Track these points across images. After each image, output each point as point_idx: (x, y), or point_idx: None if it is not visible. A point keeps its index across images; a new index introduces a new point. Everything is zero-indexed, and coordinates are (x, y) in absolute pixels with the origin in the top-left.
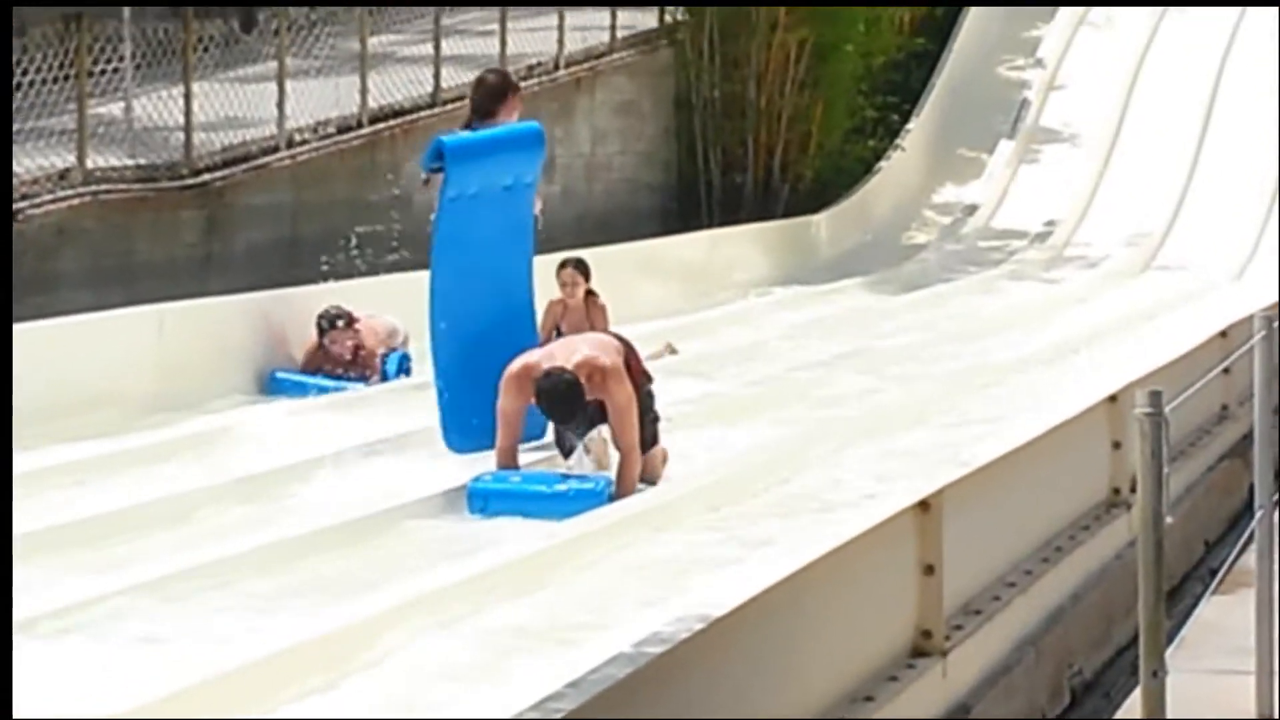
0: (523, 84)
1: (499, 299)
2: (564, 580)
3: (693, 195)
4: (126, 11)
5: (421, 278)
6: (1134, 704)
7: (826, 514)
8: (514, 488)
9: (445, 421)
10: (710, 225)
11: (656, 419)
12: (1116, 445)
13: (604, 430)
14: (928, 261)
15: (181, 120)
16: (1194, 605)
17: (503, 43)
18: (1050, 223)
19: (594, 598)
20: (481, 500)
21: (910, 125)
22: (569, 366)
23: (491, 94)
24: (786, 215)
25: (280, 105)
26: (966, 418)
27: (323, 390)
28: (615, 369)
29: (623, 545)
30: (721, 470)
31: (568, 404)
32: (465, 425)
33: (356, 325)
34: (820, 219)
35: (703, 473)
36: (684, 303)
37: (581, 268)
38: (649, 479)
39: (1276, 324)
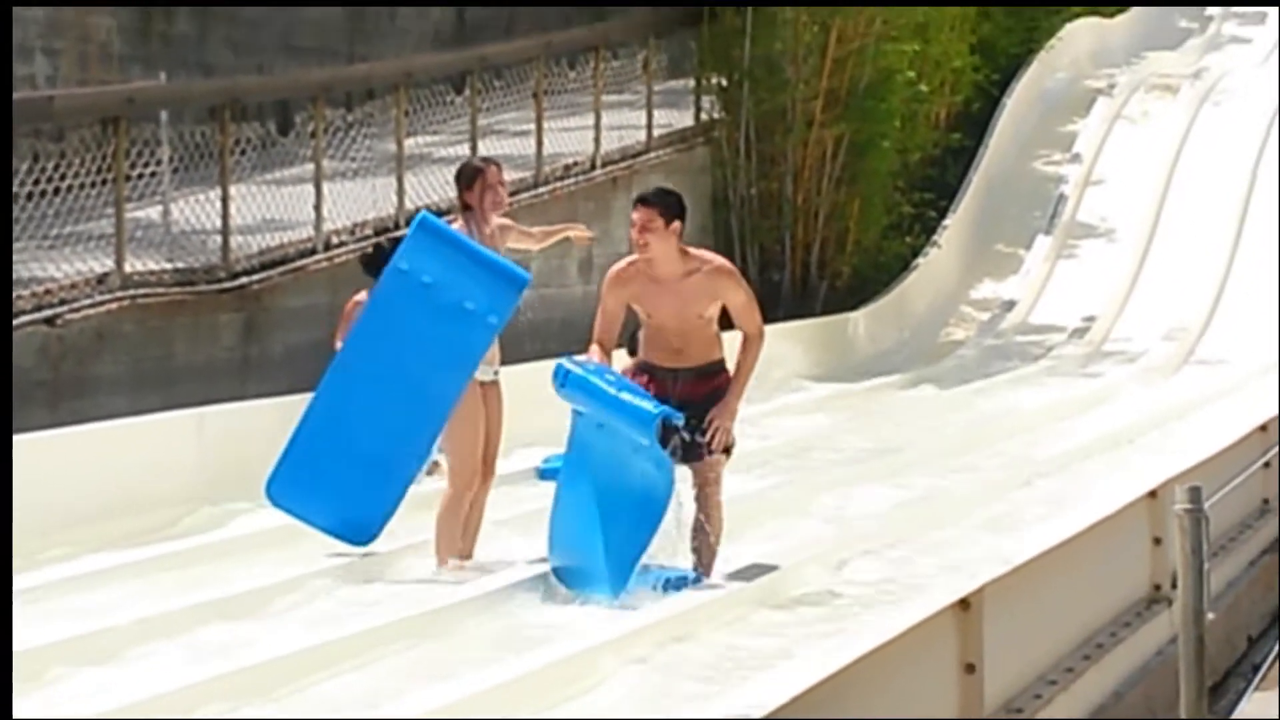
0: (559, 183)
1: (401, 410)
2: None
3: None
4: (164, 114)
5: None
6: None
7: (869, 611)
8: None
9: (283, 465)
10: None
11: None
12: (1157, 541)
13: None
14: (966, 358)
15: (219, 223)
16: (1236, 701)
17: (539, 142)
18: (1088, 318)
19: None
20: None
21: (947, 221)
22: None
23: (463, 177)
24: (824, 313)
25: (317, 207)
26: (1006, 514)
27: None
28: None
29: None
30: (763, 569)
31: None
32: (296, 481)
33: None
34: (858, 316)
35: (748, 570)
36: None
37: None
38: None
39: None
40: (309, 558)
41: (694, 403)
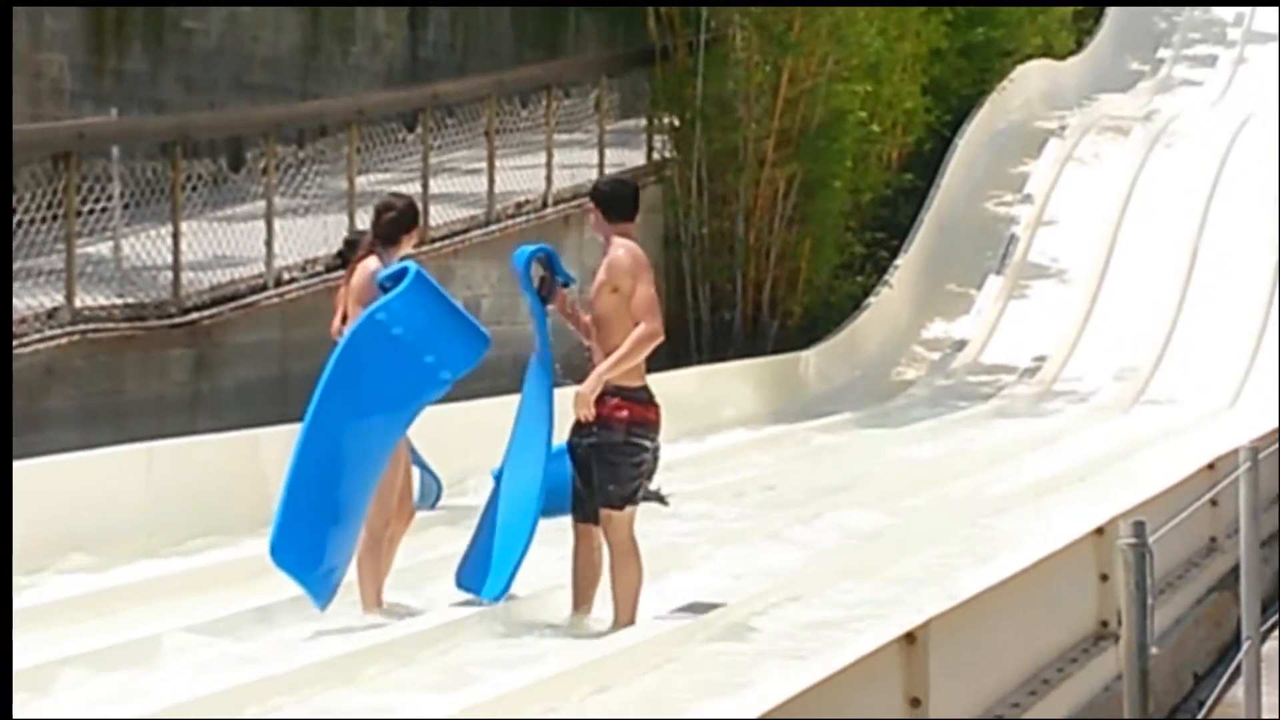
0: (511, 221)
1: (355, 462)
2: None
3: (681, 332)
4: (115, 150)
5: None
6: None
7: (815, 646)
8: None
9: (282, 529)
10: (699, 362)
11: (638, 489)
12: (1104, 578)
13: None
14: (917, 397)
15: (170, 259)
16: None
17: (491, 180)
18: (1039, 358)
19: None
20: None
21: (899, 261)
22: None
23: (397, 221)
24: (775, 352)
25: (269, 244)
26: (954, 550)
27: None
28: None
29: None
30: (709, 605)
31: None
32: (299, 545)
33: None
34: (809, 355)
35: (693, 606)
36: (673, 440)
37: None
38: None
39: (1262, 456)
40: (251, 595)
41: (579, 429)
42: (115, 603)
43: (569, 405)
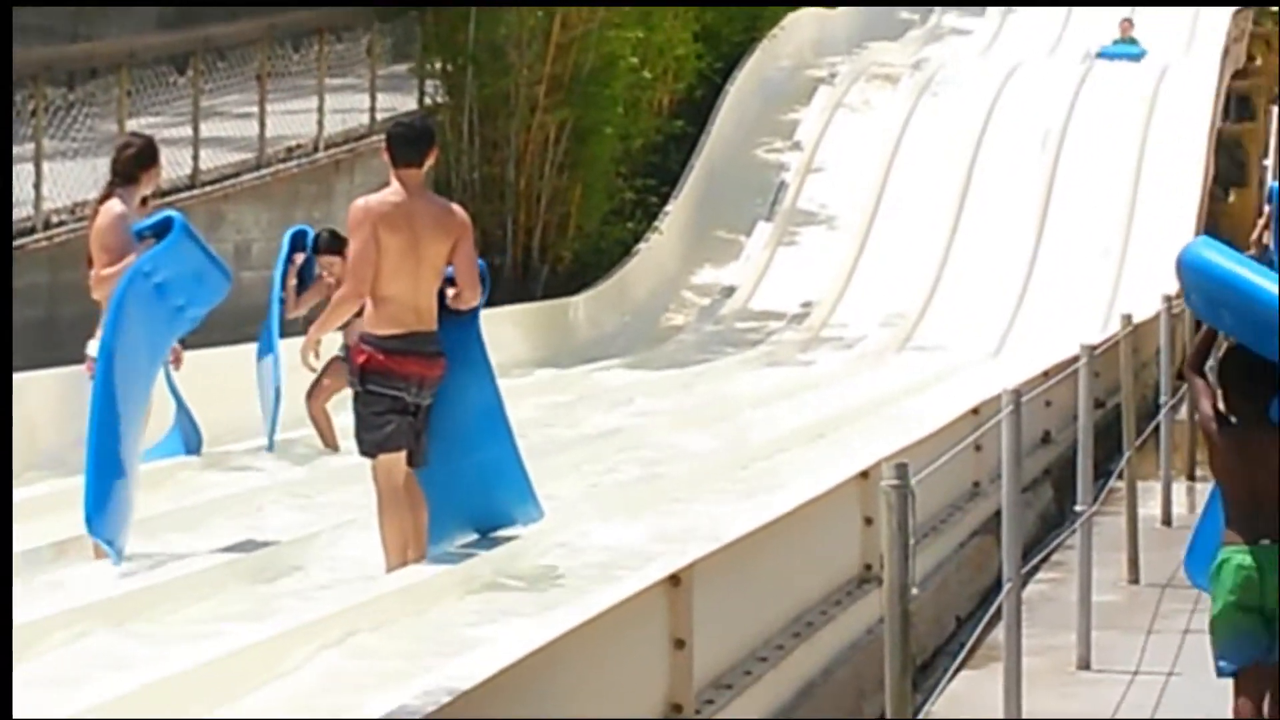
0: (281, 165)
1: (136, 410)
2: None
3: None
4: None
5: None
6: None
7: (579, 589)
8: None
9: (94, 501)
10: None
11: (386, 437)
12: (868, 521)
13: None
14: (686, 343)
15: None
16: (942, 679)
17: (262, 124)
18: (807, 304)
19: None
20: None
21: (669, 208)
22: None
23: (138, 158)
24: (545, 297)
25: (37, 186)
26: (720, 494)
27: None
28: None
29: (387, 618)
30: (474, 552)
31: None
32: (108, 511)
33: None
34: (578, 300)
35: (455, 555)
36: None
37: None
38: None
39: (1025, 400)
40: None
41: None
42: None
43: None
